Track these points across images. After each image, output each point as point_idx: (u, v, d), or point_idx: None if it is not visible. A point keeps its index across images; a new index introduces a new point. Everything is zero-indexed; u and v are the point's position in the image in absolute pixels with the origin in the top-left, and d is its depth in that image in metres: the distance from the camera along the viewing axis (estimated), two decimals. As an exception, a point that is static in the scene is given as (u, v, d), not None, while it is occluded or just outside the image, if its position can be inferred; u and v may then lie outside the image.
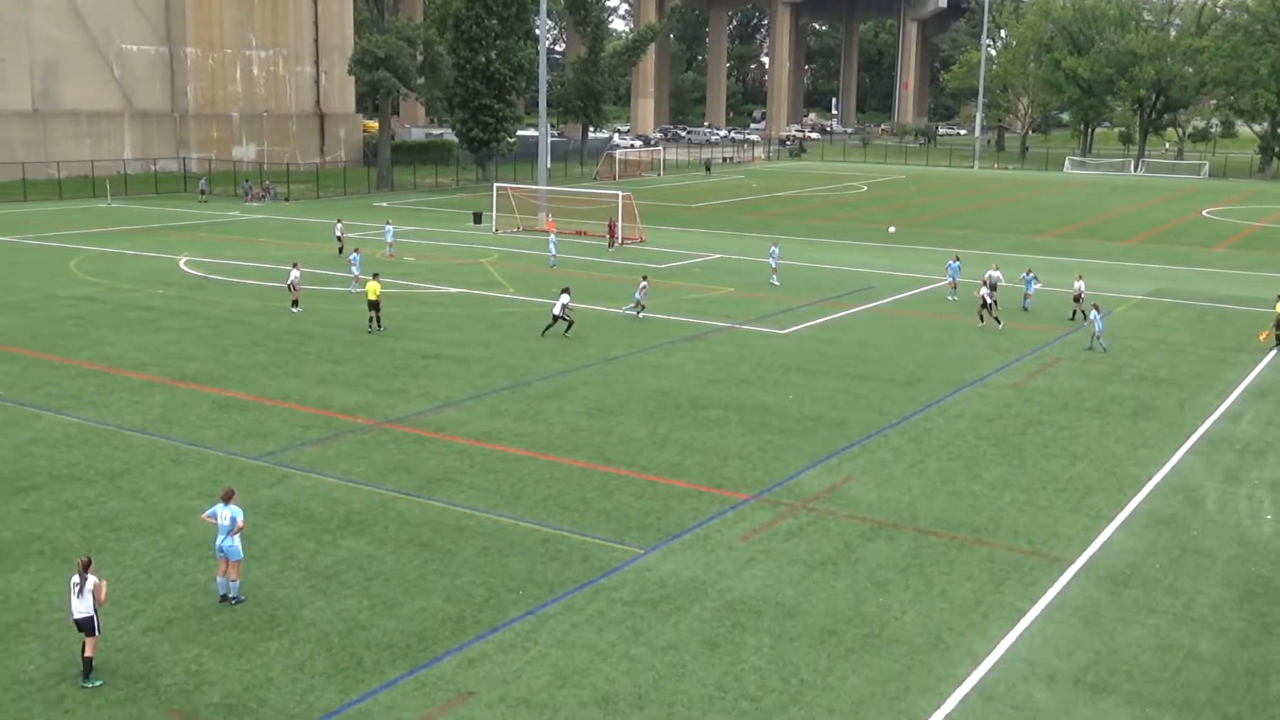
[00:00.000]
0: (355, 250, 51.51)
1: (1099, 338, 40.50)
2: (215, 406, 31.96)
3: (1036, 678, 18.07)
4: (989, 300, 44.26)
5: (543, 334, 41.03)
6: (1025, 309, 47.40)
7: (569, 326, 41.00)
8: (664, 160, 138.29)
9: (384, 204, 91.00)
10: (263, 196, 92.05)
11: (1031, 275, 48.30)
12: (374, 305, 41.45)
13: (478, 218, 78.49)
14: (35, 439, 28.77)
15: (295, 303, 44.90)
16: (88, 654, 17.32)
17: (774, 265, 54.72)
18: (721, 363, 38.14)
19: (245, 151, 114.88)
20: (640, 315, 45.04)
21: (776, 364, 38.10)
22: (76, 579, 17.33)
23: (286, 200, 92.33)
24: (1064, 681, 17.96)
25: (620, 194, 72.93)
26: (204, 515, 20.70)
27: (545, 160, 79.14)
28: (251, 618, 19.45)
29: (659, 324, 44.28)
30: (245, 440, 28.97)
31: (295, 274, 44.94)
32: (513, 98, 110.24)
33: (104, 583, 17.63)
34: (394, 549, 22.38)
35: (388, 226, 63.07)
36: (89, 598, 17.24)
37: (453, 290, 51.45)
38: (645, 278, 46.75)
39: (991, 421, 31.91)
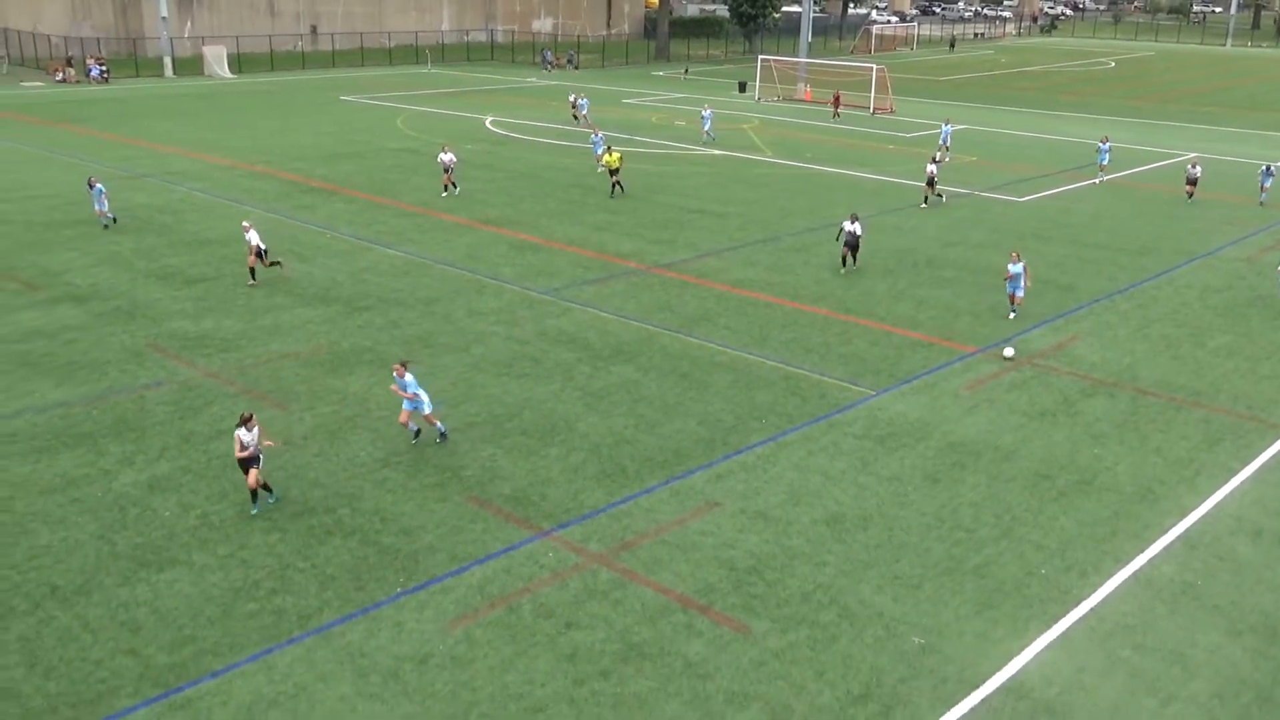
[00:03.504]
0: (596, 132, 49.45)
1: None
2: (512, 247, 33.15)
3: (1242, 533, 17.07)
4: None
5: None
6: (1262, 203, 41.03)
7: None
8: (917, 35, 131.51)
9: (660, 73, 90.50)
10: (562, 65, 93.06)
11: (1269, 169, 41.22)
12: (614, 173, 40.31)
13: (742, 87, 77.15)
14: (368, 268, 30.69)
15: (450, 185, 40.25)
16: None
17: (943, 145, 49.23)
18: (959, 227, 36.66)
19: (543, 24, 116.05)
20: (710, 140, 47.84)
21: (1012, 230, 36.32)
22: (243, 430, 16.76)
23: (576, 69, 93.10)
24: (1269, 538, 16.90)
25: (874, 67, 70.00)
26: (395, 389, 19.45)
27: (807, 34, 76.61)
28: (536, 427, 20.43)
29: (902, 189, 42.80)
30: (536, 277, 30.01)
31: (448, 157, 40.31)
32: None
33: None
34: (657, 377, 22.93)
35: (581, 100, 60.01)
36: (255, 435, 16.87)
37: (716, 152, 51.08)
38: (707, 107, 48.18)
39: (1220, 292, 29.60)
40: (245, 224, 29.58)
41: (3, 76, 79.53)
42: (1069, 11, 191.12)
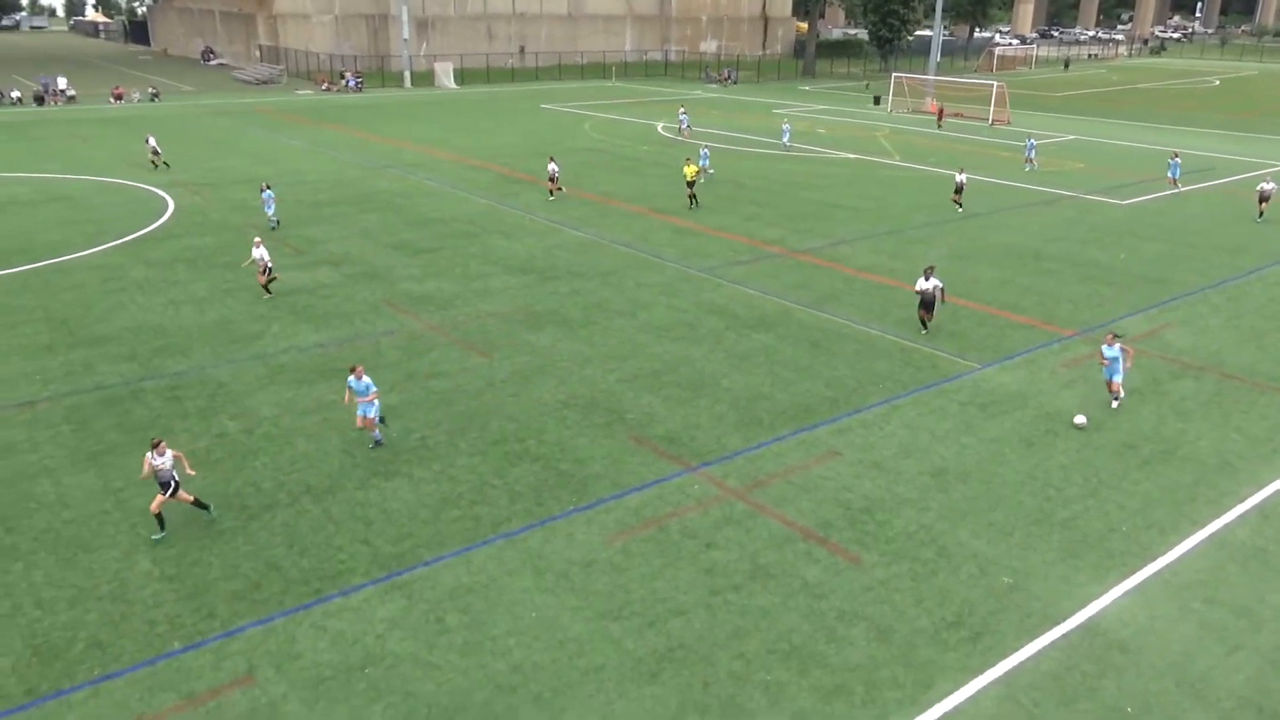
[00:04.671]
0: (703, 148, 47.17)
1: None
2: (674, 232, 33.13)
3: (1315, 507, 15.79)
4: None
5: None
6: None
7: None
8: (1036, 56, 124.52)
9: (807, 88, 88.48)
10: (724, 80, 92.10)
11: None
12: (690, 184, 36.17)
13: (877, 100, 74.73)
14: (558, 245, 31.20)
15: (556, 190, 37.59)
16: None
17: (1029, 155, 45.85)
18: (1063, 225, 34.73)
19: (709, 45, 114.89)
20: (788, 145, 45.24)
21: (1112, 229, 34.20)
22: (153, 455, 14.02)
23: (735, 83, 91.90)
24: (1341, 514, 15.58)
25: (995, 83, 66.70)
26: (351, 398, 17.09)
27: (936, 54, 73.60)
28: (689, 381, 20.47)
29: (1014, 191, 40.78)
30: (694, 258, 29.94)
31: (553, 166, 37.28)
32: (915, 3, 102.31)
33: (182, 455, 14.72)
34: (791, 344, 22.64)
35: (682, 114, 56.95)
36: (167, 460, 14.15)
37: (851, 156, 49.72)
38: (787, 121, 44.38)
39: (1308, 290, 27.24)
40: (256, 239, 25.83)
41: (282, 86, 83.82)
42: (1176, 36, 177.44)
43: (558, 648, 12.16)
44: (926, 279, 22.55)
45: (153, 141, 44.02)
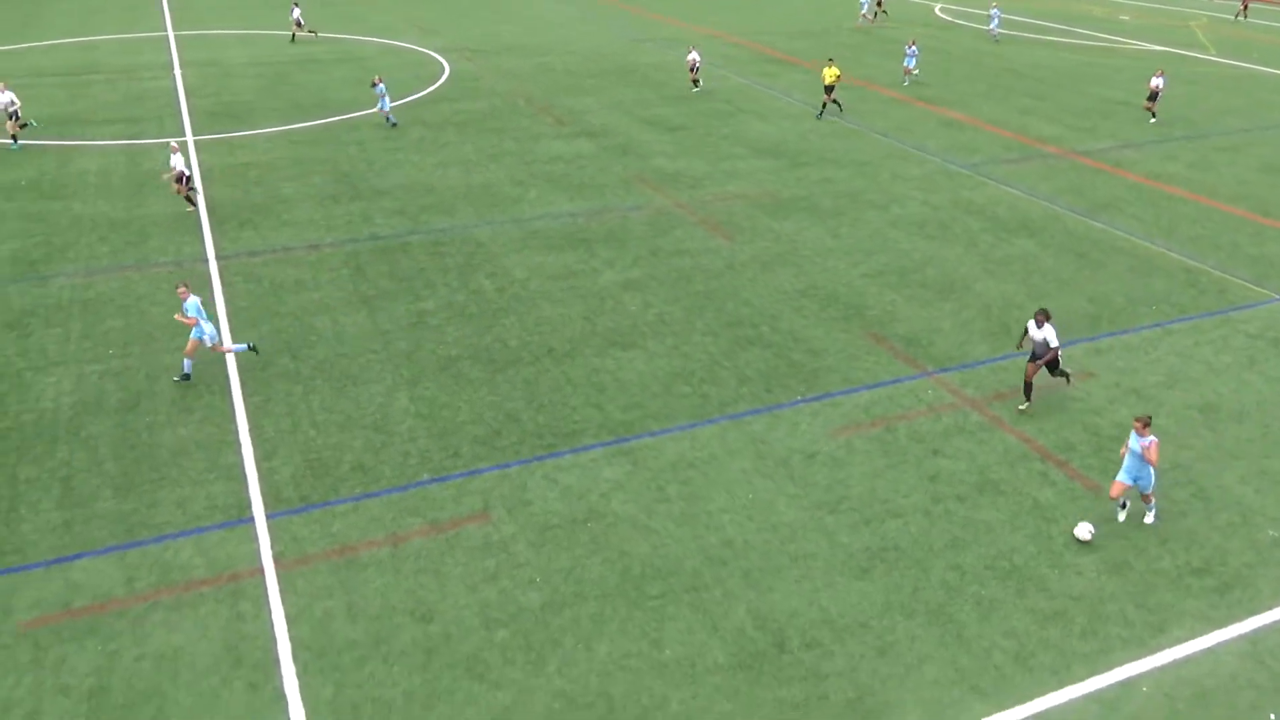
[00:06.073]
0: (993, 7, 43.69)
1: None
2: (940, 123, 31.18)
3: None
4: None
5: None
6: None
7: None
8: None
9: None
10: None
11: None
12: (828, 89, 31.27)
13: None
14: (812, 130, 30.22)
15: (695, 82, 34.97)
16: None
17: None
18: None
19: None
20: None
21: None
22: None
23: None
24: None
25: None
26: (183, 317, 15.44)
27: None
28: (936, 282, 19.54)
29: (1358, 96, 34.92)
30: (957, 152, 28.14)
31: (694, 56, 34.83)
32: None
33: None
34: (1054, 253, 20.99)
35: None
36: None
37: (1156, 48, 44.25)
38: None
39: None
40: (173, 144, 22.97)
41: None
42: None
43: (770, 531, 12.38)
44: (1039, 326, 14.70)
45: (296, 13, 43.78)
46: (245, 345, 16.20)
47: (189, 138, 28.53)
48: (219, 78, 36.34)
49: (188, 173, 22.59)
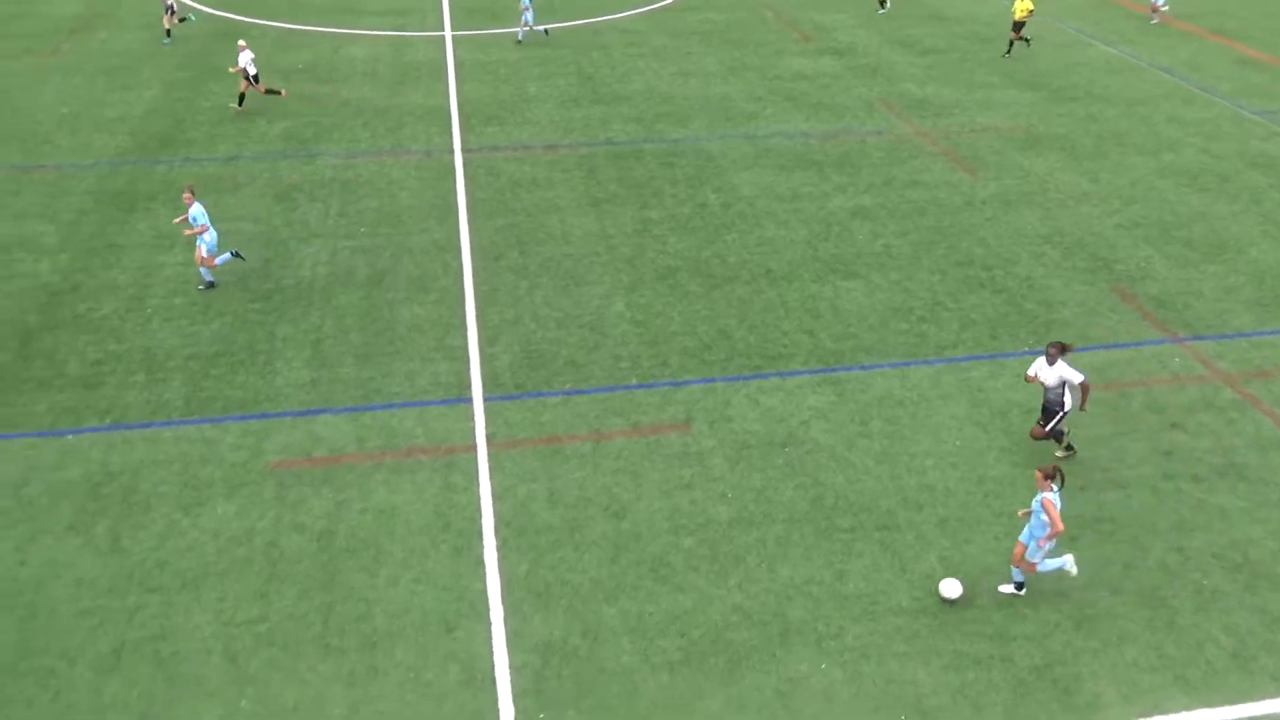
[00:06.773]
0: None
1: None
2: (1236, 62, 27.71)
3: None
4: None
5: None
6: None
7: None
8: None
9: None
10: None
11: None
12: (1017, 26, 27.55)
13: None
14: (1081, 62, 27.67)
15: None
16: None
17: None
18: None
19: None
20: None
21: None
22: None
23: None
24: None
25: None
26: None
27: None
28: (1202, 241, 17.66)
29: None
30: (1254, 96, 24.98)
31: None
32: None
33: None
34: (1356, 221, 18.39)
35: None
36: None
37: None
38: None
39: None
40: (241, 43, 22.91)
41: None
42: None
43: (975, 483, 11.90)
44: (1050, 362, 11.85)
45: None
46: (231, 253, 15.94)
47: (447, 32, 29.89)
48: (480, -24, 37.60)
49: (253, 70, 22.68)
